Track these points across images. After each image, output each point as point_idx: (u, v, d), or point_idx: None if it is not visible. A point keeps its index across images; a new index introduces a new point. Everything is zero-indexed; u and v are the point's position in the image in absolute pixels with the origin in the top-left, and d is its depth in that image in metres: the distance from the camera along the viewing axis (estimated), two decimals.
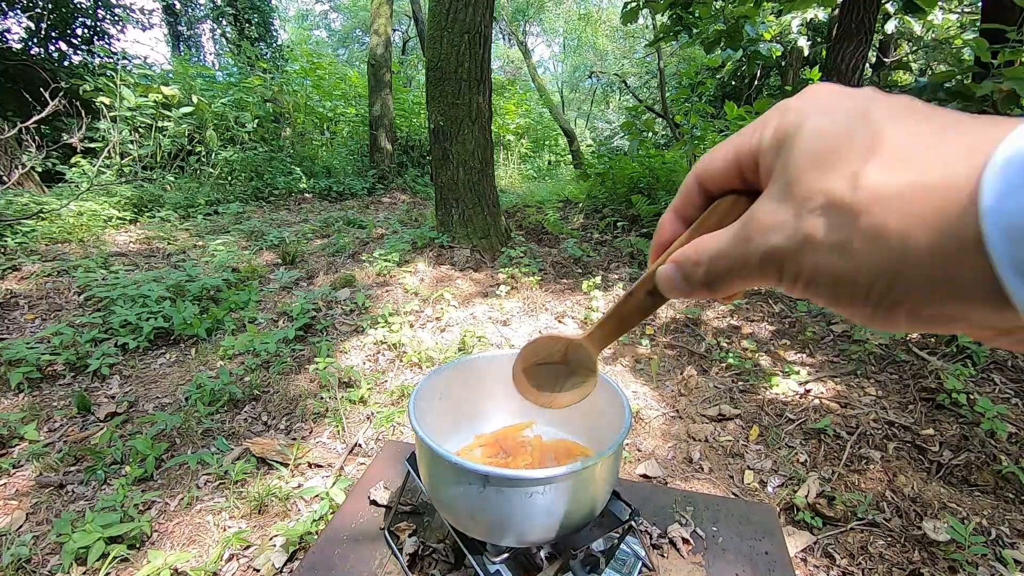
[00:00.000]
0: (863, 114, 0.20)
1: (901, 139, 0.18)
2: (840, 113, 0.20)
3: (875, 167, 0.18)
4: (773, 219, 0.21)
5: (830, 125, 0.20)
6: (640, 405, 1.99)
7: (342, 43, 23.51)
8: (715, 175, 0.25)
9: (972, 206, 0.16)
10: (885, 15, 5.38)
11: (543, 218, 4.63)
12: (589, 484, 0.62)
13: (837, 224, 0.19)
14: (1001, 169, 0.16)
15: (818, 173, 0.20)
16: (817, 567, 1.29)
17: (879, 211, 0.18)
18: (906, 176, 0.18)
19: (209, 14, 11.73)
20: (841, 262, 0.19)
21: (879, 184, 0.18)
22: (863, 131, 0.19)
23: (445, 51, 3.29)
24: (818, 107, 0.21)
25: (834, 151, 0.19)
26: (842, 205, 0.19)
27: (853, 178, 0.19)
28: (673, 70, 11.37)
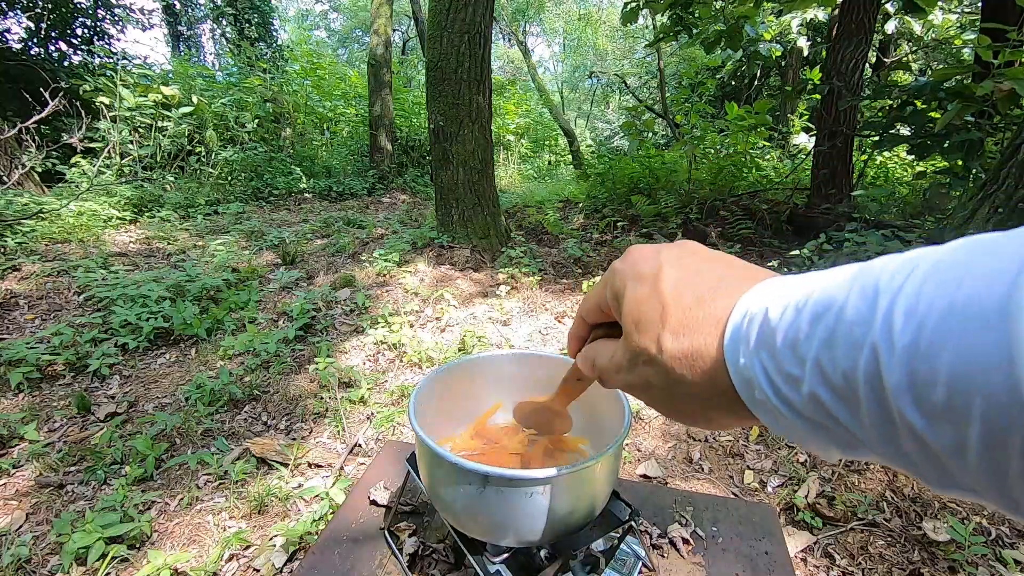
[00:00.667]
0: (655, 284, 0.29)
1: (678, 312, 0.28)
2: (643, 282, 0.30)
3: (667, 335, 0.28)
4: (621, 362, 0.32)
5: (638, 295, 0.30)
6: (640, 405, 1.99)
7: (342, 43, 23.52)
8: (589, 314, 0.37)
9: (723, 364, 0.25)
10: (885, 15, 5.38)
11: (543, 218, 4.63)
12: (589, 484, 0.62)
13: (656, 373, 0.29)
14: (729, 340, 0.25)
15: (637, 334, 0.29)
16: (817, 567, 1.29)
17: (678, 367, 0.27)
18: (683, 344, 0.27)
19: (209, 14, 11.73)
20: (668, 397, 0.29)
21: (671, 349, 0.27)
22: (656, 305, 0.29)
23: (445, 51, 3.29)
24: (632, 275, 0.31)
25: (644, 321, 0.29)
26: (656, 362, 0.28)
27: (657, 342, 0.28)
28: (673, 70, 11.36)
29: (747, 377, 0.24)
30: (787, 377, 0.22)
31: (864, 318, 0.19)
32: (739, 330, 0.25)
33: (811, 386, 0.21)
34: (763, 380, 0.23)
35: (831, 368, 0.20)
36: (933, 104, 3.02)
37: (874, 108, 5.24)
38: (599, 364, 0.35)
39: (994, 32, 2.96)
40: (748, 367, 0.24)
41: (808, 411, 0.22)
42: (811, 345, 0.21)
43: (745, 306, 0.25)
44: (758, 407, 0.24)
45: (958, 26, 6.64)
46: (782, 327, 0.22)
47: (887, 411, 0.19)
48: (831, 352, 0.20)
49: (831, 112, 3.90)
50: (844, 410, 0.20)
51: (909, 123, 3.21)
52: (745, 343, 0.24)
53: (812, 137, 4.90)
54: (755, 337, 0.23)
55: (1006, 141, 2.76)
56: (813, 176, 4.21)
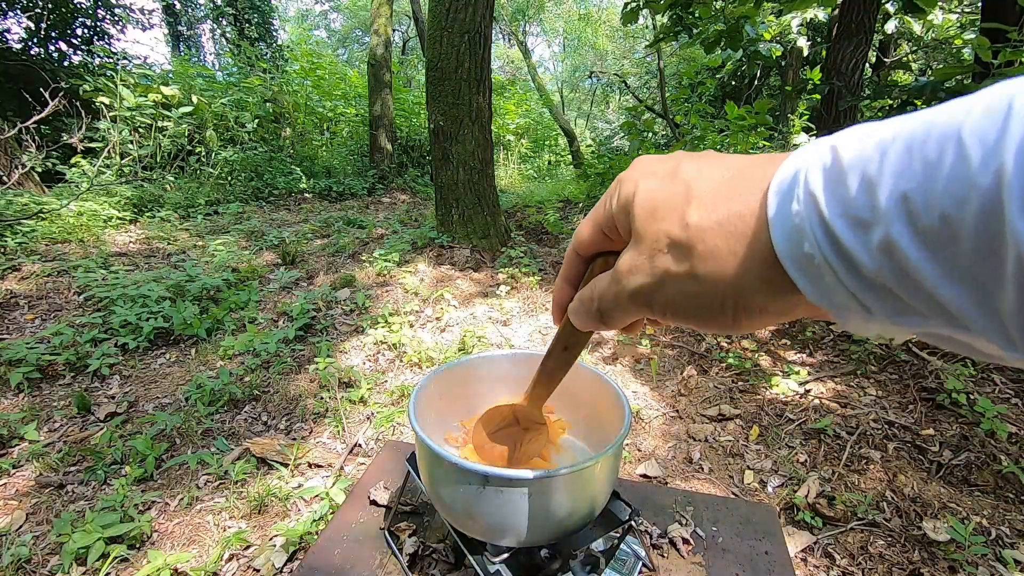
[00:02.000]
0: (674, 173, 0.25)
1: (708, 186, 0.24)
2: (659, 176, 0.26)
3: (694, 210, 0.24)
4: (632, 264, 0.26)
5: (656, 186, 0.26)
6: (640, 405, 1.99)
7: (342, 43, 23.52)
8: (585, 243, 0.31)
9: (764, 221, 0.21)
10: (885, 15, 5.38)
11: (543, 218, 4.63)
12: (589, 484, 0.62)
13: (681, 256, 0.24)
14: (774, 192, 0.21)
15: (655, 222, 0.25)
16: (817, 567, 1.29)
17: (709, 239, 0.23)
18: (718, 213, 0.23)
19: (209, 14, 11.73)
20: (694, 286, 0.24)
21: (700, 221, 0.23)
22: (679, 186, 0.25)
23: (445, 51, 3.29)
24: (643, 174, 0.27)
25: (663, 205, 0.25)
26: (679, 241, 0.24)
27: (681, 220, 0.24)
28: (673, 70, 11.37)
29: (795, 226, 0.20)
30: (854, 221, 0.18)
31: (987, 140, 0.15)
32: (793, 179, 0.20)
33: (888, 230, 0.17)
34: (818, 228, 0.19)
35: (924, 205, 0.16)
36: (933, 104, 3.02)
37: (874, 108, 5.24)
38: (600, 292, 0.29)
39: (994, 32, 2.96)
40: (801, 214, 0.19)
41: (872, 263, 0.18)
42: (899, 180, 0.17)
43: (800, 159, 0.21)
44: (800, 265, 0.20)
45: (958, 26, 6.64)
46: (857, 165, 0.18)
47: (997, 259, 0.15)
48: (928, 186, 0.16)
49: (831, 112, 3.90)
50: (928, 259, 0.16)
51: None
52: (803, 188, 0.20)
53: (812, 137, 4.90)
54: (819, 180, 0.19)
55: None
56: None
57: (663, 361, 2.31)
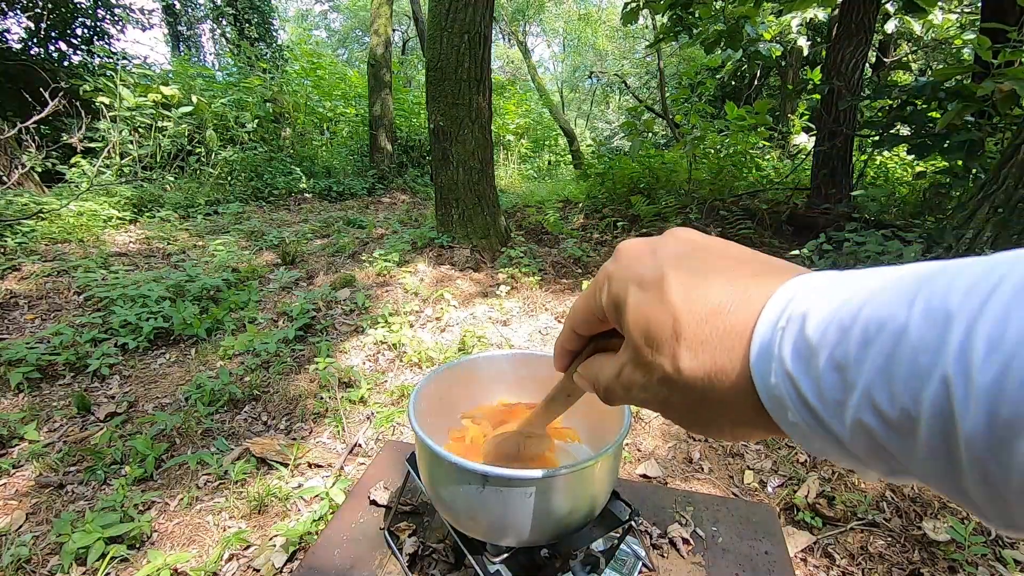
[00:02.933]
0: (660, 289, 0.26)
1: (692, 321, 0.25)
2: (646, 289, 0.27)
3: (684, 352, 0.25)
4: (631, 379, 0.28)
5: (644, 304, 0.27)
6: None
7: (342, 43, 23.52)
8: (582, 326, 0.34)
9: (751, 382, 0.23)
10: (885, 15, 5.38)
11: (543, 218, 4.63)
12: (589, 484, 0.62)
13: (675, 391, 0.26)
14: (754, 360, 0.23)
15: (650, 352, 0.26)
16: (817, 567, 1.29)
17: (699, 387, 0.25)
18: (705, 361, 0.24)
19: (209, 14, 11.73)
20: (690, 414, 0.27)
21: (690, 368, 0.25)
22: (665, 315, 0.25)
23: (445, 51, 3.29)
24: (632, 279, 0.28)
25: (654, 332, 0.26)
26: (675, 381, 0.26)
27: (673, 359, 0.25)
28: (673, 70, 11.36)
29: (779, 397, 0.22)
30: (828, 403, 0.20)
31: (931, 346, 0.17)
32: (769, 346, 0.22)
33: (858, 414, 0.19)
34: (798, 403, 0.21)
35: (886, 399, 0.18)
36: (933, 104, 3.02)
37: (874, 108, 5.24)
38: (604, 382, 0.31)
39: (994, 32, 2.96)
40: (780, 388, 0.21)
41: (851, 439, 0.20)
42: (861, 371, 0.19)
43: (772, 317, 0.22)
44: (791, 429, 0.22)
45: (958, 26, 6.64)
46: (825, 347, 0.20)
47: (952, 452, 0.17)
48: (887, 381, 0.18)
49: (831, 112, 3.90)
50: (897, 442, 0.18)
51: (909, 123, 3.21)
52: (778, 362, 0.21)
53: (812, 137, 4.90)
54: (790, 356, 0.21)
55: (1006, 141, 2.76)
56: (813, 176, 4.21)
57: None
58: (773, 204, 4.33)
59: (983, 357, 0.15)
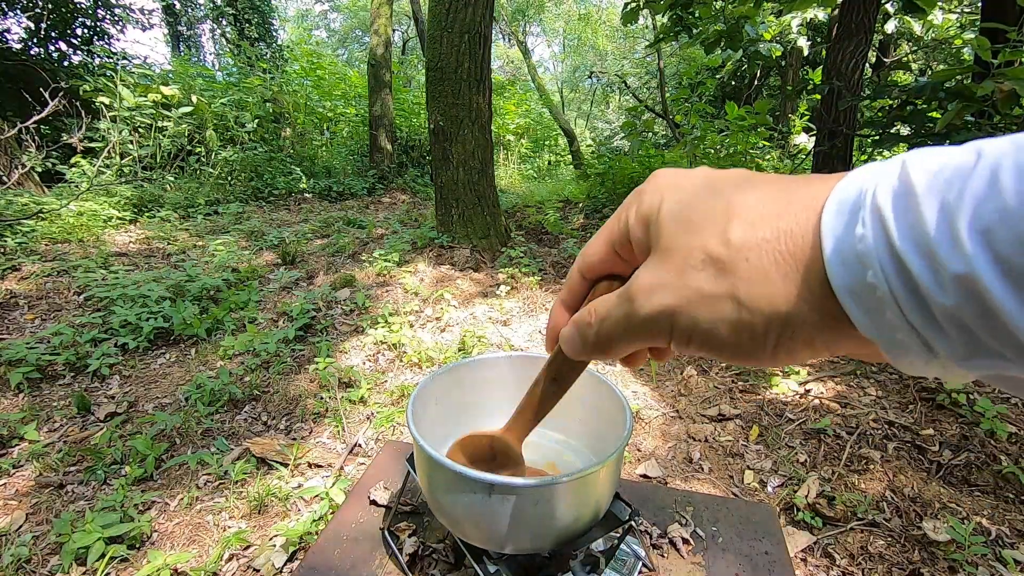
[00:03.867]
0: (711, 185, 0.23)
1: (751, 202, 0.21)
2: (692, 188, 0.23)
3: (736, 226, 0.21)
4: (655, 280, 0.23)
5: (687, 198, 0.23)
6: (640, 405, 1.99)
7: (342, 43, 23.52)
8: (593, 264, 0.28)
9: (818, 243, 0.19)
10: (885, 15, 5.38)
11: (543, 218, 4.63)
12: (592, 489, 0.62)
13: (719, 274, 0.21)
14: (832, 212, 0.19)
15: (690, 236, 0.22)
16: (817, 567, 1.29)
17: (754, 258, 0.20)
18: (765, 230, 0.20)
19: (209, 14, 11.73)
20: (733, 312, 0.21)
21: (745, 239, 0.21)
22: (717, 199, 0.22)
23: (445, 51, 3.29)
24: (670, 186, 0.24)
25: (698, 218, 0.22)
26: (719, 259, 0.21)
27: (723, 235, 0.21)
28: (673, 70, 11.36)
29: (858, 252, 0.18)
30: (929, 252, 0.16)
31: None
32: (856, 199, 0.18)
33: (969, 265, 0.16)
34: (885, 256, 0.17)
35: (1011, 241, 0.15)
36: (933, 104, 3.02)
37: (874, 108, 5.24)
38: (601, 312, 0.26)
39: (994, 32, 2.96)
40: (866, 239, 0.18)
41: (946, 301, 0.16)
42: (983, 212, 0.15)
43: (862, 177, 0.19)
44: (859, 296, 0.18)
45: (958, 26, 6.64)
46: (934, 191, 0.16)
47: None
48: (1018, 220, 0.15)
49: (831, 112, 3.90)
50: (1016, 301, 0.15)
51: (909, 123, 3.21)
52: (869, 210, 0.18)
53: (812, 137, 4.90)
54: (888, 203, 0.17)
55: None
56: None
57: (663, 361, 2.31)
58: None
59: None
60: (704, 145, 4.74)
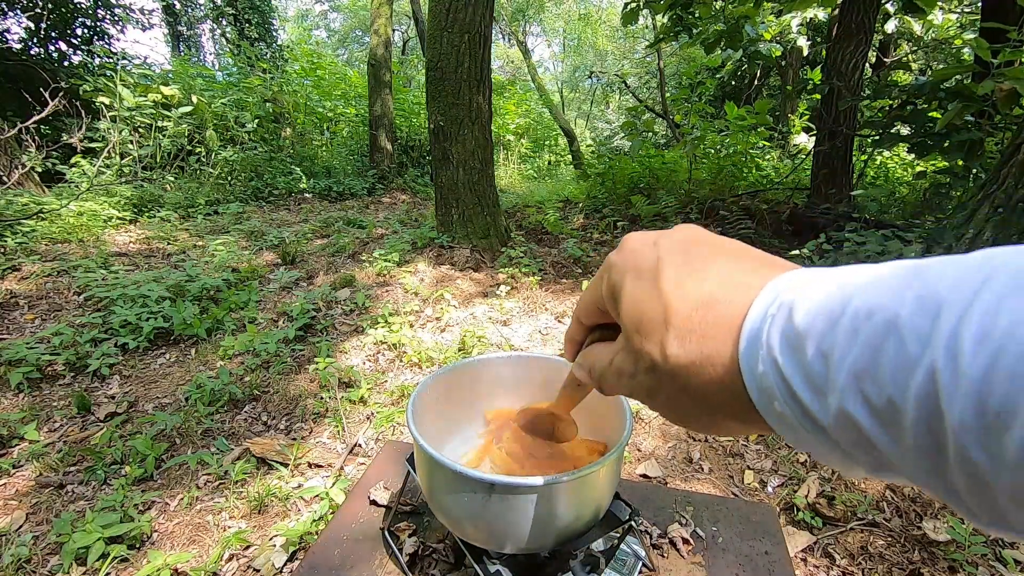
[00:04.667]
0: (655, 279, 0.26)
1: (683, 313, 0.25)
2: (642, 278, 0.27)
3: (672, 340, 0.25)
4: (621, 368, 0.29)
5: (638, 293, 0.27)
6: (641, 406, 1.99)
7: (342, 43, 23.51)
8: (585, 314, 0.35)
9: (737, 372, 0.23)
10: (885, 15, 5.38)
11: (543, 218, 4.63)
12: (593, 488, 0.62)
13: (661, 381, 0.26)
14: (743, 349, 0.22)
15: (639, 337, 0.26)
16: (817, 567, 1.29)
17: (683, 375, 0.25)
18: (692, 350, 0.24)
19: (209, 14, 11.73)
20: (674, 405, 0.27)
21: (677, 356, 0.25)
22: (658, 305, 0.26)
23: (445, 51, 3.29)
24: (630, 268, 0.28)
25: (645, 323, 0.26)
26: (661, 370, 0.25)
27: (661, 347, 0.25)
28: (673, 70, 11.36)
29: (765, 387, 0.21)
30: (815, 391, 0.20)
31: (921, 334, 0.16)
32: (758, 334, 0.22)
33: (843, 404, 0.19)
34: (783, 392, 0.21)
35: (872, 388, 0.18)
36: (933, 104, 3.02)
37: (874, 108, 5.24)
38: (597, 370, 0.32)
39: (994, 32, 2.97)
40: (767, 376, 0.21)
41: (836, 430, 0.19)
42: (847, 359, 0.18)
43: (763, 307, 0.22)
44: (776, 420, 0.22)
45: (958, 26, 6.64)
46: (813, 335, 0.20)
47: (939, 443, 0.16)
48: (874, 370, 0.18)
49: (831, 112, 3.90)
50: (882, 434, 0.18)
51: (909, 122, 3.21)
52: (765, 350, 0.21)
53: (812, 137, 4.90)
54: (778, 344, 0.21)
55: (1006, 141, 2.76)
56: (813, 176, 4.21)
57: None
58: (773, 204, 4.33)
59: (972, 347, 0.15)
60: (704, 145, 4.74)
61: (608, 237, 4.20)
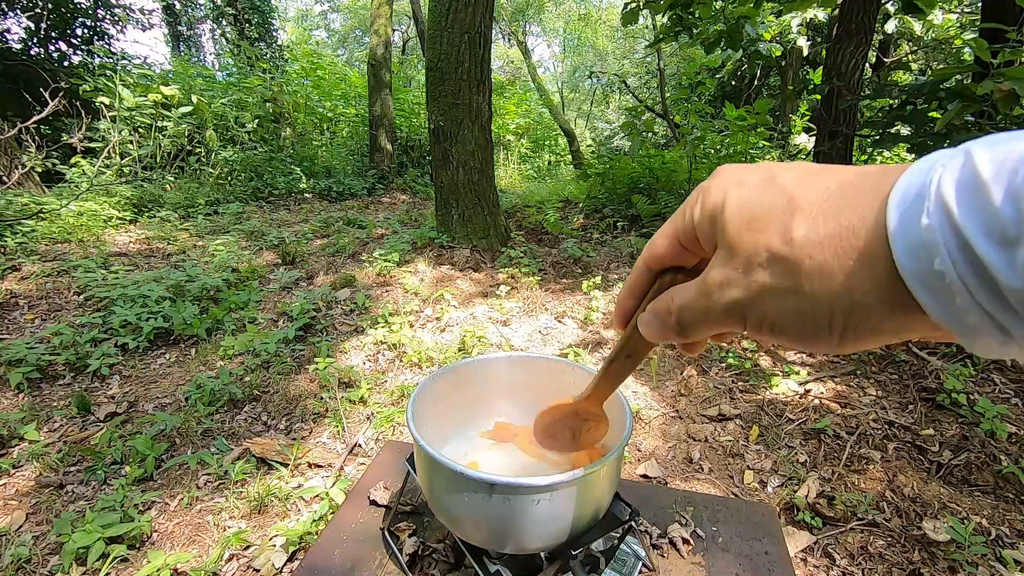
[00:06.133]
0: (772, 181, 0.23)
1: (812, 197, 0.22)
2: (751, 184, 0.24)
3: (799, 223, 0.22)
4: (725, 277, 0.24)
5: (750, 195, 0.24)
6: (640, 405, 1.99)
7: (342, 43, 23.51)
8: (659, 257, 0.30)
9: (883, 235, 0.20)
10: (885, 15, 5.38)
11: (543, 218, 4.63)
12: (593, 488, 0.62)
13: (783, 272, 0.22)
14: (896, 204, 0.19)
15: (754, 233, 0.23)
16: (817, 567, 1.29)
17: (817, 254, 0.21)
18: (827, 226, 0.21)
19: (209, 14, 11.73)
20: (797, 302, 0.22)
21: (807, 235, 0.21)
22: (778, 196, 0.23)
23: (445, 51, 3.29)
24: (733, 182, 0.25)
25: (762, 215, 0.23)
26: (783, 256, 0.22)
27: (785, 233, 0.22)
28: (673, 70, 11.36)
29: (924, 241, 0.18)
30: (998, 236, 0.17)
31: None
32: (920, 189, 0.19)
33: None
34: (952, 243, 0.17)
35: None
36: (933, 104, 3.02)
37: (874, 108, 5.24)
38: (680, 302, 0.27)
39: (994, 32, 2.97)
40: (932, 228, 0.18)
41: (1018, 284, 0.16)
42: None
43: (926, 167, 0.19)
44: (928, 283, 0.18)
45: (958, 26, 6.64)
46: (1002, 178, 0.17)
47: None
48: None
49: (831, 112, 3.90)
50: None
51: (909, 122, 3.21)
52: (934, 200, 0.18)
53: (812, 137, 4.90)
54: (952, 191, 0.18)
55: None
56: None
57: (663, 361, 2.31)
58: None
59: None
60: (704, 145, 4.74)
61: (608, 237, 4.20)
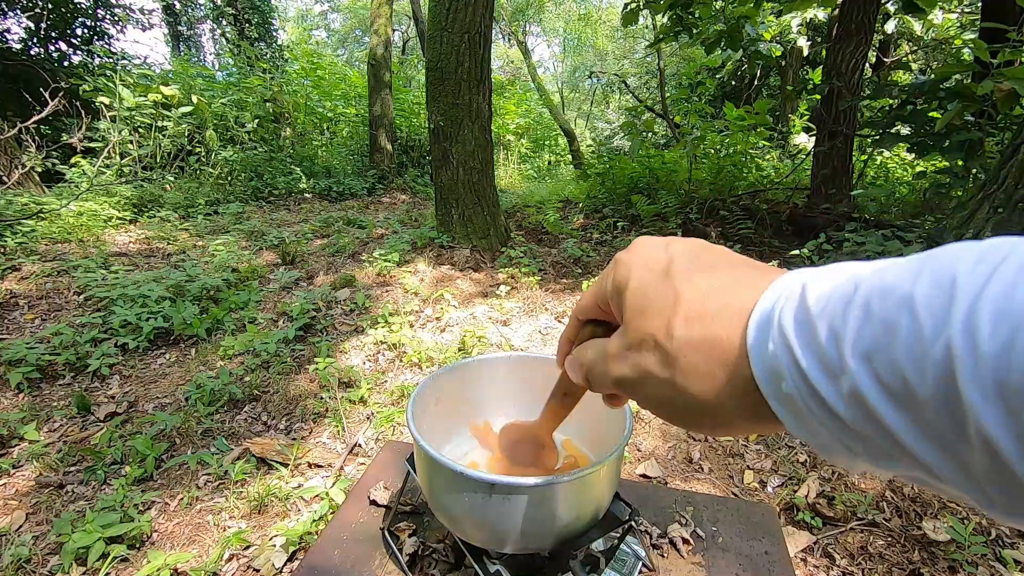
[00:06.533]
0: (666, 273, 0.27)
1: (694, 295, 0.25)
2: (652, 271, 0.27)
3: (679, 322, 0.25)
4: (618, 351, 0.28)
5: (648, 283, 0.27)
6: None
7: (342, 43, 23.51)
8: (584, 310, 0.35)
9: (744, 352, 0.22)
10: (885, 15, 5.38)
11: (543, 218, 4.63)
12: (593, 488, 0.62)
13: (663, 362, 0.25)
14: (754, 325, 0.22)
15: (643, 320, 0.26)
16: (817, 567, 1.29)
17: (691, 355, 0.24)
18: (702, 330, 0.24)
19: (209, 14, 11.73)
20: (673, 394, 0.25)
21: (683, 336, 0.24)
22: (668, 290, 0.26)
23: (445, 51, 3.29)
24: (639, 263, 0.28)
25: (653, 307, 0.26)
26: (665, 350, 0.25)
27: (667, 327, 0.25)
28: (673, 70, 11.36)
29: (774, 368, 0.21)
30: (827, 373, 0.19)
31: (936, 313, 0.16)
32: (768, 316, 0.22)
33: (856, 383, 0.18)
34: (793, 371, 0.20)
35: (886, 368, 0.17)
36: (933, 104, 3.02)
37: (874, 108, 5.24)
38: (590, 358, 0.31)
39: (994, 32, 2.97)
40: (777, 356, 0.21)
41: (846, 411, 0.19)
42: (862, 338, 0.18)
43: (775, 293, 0.22)
44: (782, 402, 0.21)
45: (958, 26, 6.64)
46: (825, 316, 0.19)
47: (957, 423, 0.16)
48: (888, 349, 0.17)
49: (831, 112, 3.90)
50: (897, 416, 0.17)
51: (909, 122, 3.21)
52: (777, 329, 0.21)
53: (812, 137, 4.90)
54: (791, 325, 0.20)
55: (1006, 141, 2.76)
56: (813, 176, 4.21)
57: None
58: (773, 204, 4.33)
59: (990, 325, 0.15)
60: (704, 145, 4.74)
61: (608, 237, 4.20)
